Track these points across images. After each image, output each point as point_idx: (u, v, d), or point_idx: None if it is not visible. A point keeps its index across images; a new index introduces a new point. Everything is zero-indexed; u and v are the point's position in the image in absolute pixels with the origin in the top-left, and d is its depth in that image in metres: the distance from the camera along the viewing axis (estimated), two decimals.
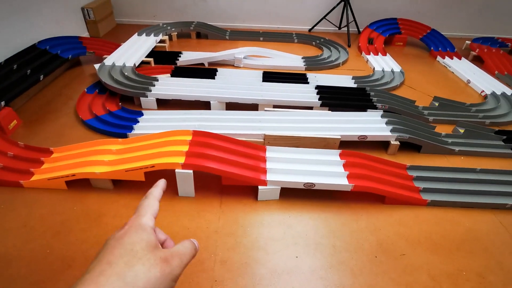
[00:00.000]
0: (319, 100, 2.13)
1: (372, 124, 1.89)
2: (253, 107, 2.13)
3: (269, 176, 1.45)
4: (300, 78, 2.56)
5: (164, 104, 2.17)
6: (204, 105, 2.14)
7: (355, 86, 2.48)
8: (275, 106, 2.10)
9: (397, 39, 3.57)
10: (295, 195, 1.51)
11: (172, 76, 2.47)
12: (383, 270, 1.21)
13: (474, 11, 3.78)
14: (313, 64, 2.90)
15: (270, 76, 2.54)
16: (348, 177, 1.47)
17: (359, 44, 3.35)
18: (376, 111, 2.03)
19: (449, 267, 1.23)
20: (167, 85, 2.21)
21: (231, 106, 2.13)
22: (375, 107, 2.11)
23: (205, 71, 2.56)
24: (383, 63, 2.93)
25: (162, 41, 3.10)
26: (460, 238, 1.35)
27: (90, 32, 3.35)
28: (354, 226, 1.39)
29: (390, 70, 2.79)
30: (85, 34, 3.30)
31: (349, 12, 3.54)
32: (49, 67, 2.27)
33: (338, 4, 3.56)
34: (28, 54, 2.28)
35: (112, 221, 1.35)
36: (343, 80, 2.59)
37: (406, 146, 1.84)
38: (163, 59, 2.78)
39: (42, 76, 2.15)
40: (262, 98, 2.11)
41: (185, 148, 1.47)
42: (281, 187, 1.47)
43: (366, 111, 2.07)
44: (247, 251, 1.26)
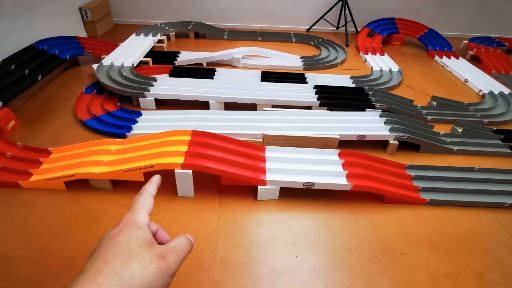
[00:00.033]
0: (317, 99, 2.13)
1: (370, 123, 1.89)
2: (251, 107, 2.13)
3: (268, 176, 1.45)
4: (299, 78, 2.56)
5: (162, 104, 2.17)
6: (203, 105, 2.13)
7: (354, 85, 2.48)
8: (273, 106, 2.10)
9: (395, 38, 3.58)
10: (295, 194, 1.51)
11: (170, 76, 2.46)
12: (383, 270, 1.21)
13: (472, 11, 3.79)
14: (311, 63, 2.90)
15: (269, 76, 2.54)
16: (347, 176, 1.47)
17: (357, 44, 3.35)
18: (375, 111, 2.03)
19: (448, 266, 1.23)
20: (166, 85, 2.21)
21: (230, 106, 2.13)
22: (373, 107, 2.12)
23: (203, 71, 2.55)
24: (381, 63, 2.94)
25: (160, 41, 3.10)
26: (459, 237, 1.36)
27: (88, 32, 3.34)
28: (354, 226, 1.39)
29: (388, 70, 2.79)
30: (83, 34, 3.29)
31: (347, 11, 3.54)
32: (47, 67, 2.26)
33: (336, 4, 3.56)
34: (26, 54, 2.27)
35: (111, 221, 1.35)
36: (341, 79, 2.60)
37: (404, 146, 1.85)
38: (161, 59, 2.77)
39: (40, 77, 2.14)
40: (260, 98, 2.11)
41: (184, 148, 1.46)
42: (280, 187, 1.47)
43: (364, 110, 2.07)
44: (247, 251, 1.26)
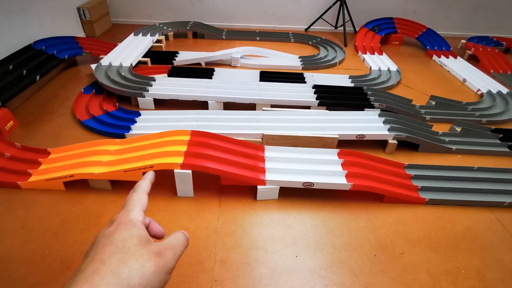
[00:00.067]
0: (316, 99, 2.13)
1: (369, 123, 1.89)
2: (250, 106, 2.13)
3: (268, 176, 1.45)
4: (297, 78, 2.56)
5: (161, 104, 2.16)
6: (202, 105, 2.13)
7: (352, 85, 2.48)
8: (272, 106, 2.10)
9: (393, 38, 3.58)
10: (294, 194, 1.51)
11: (169, 76, 2.46)
12: (383, 269, 1.21)
13: (469, 10, 3.80)
14: (310, 63, 2.90)
15: (267, 76, 2.54)
16: (347, 176, 1.47)
17: (356, 44, 3.35)
18: (374, 110, 2.03)
19: (448, 265, 1.24)
20: (164, 85, 2.20)
21: (229, 106, 2.13)
22: (372, 106, 2.12)
23: (202, 71, 2.55)
24: (379, 62, 2.94)
25: (158, 41, 3.10)
26: (458, 236, 1.36)
27: (86, 32, 3.34)
28: (353, 225, 1.39)
29: (387, 69, 2.80)
30: (81, 34, 3.28)
31: (345, 11, 3.54)
32: (45, 67, 2.25)
33: (334, 4, 3.57)
34: (24, 55, 2.26)
35: None
36: (340, 79, 2.60)
37: (403, 145, 1.85)
38: (159, 59, 2.77)
39: (38, 77, 2.13)
40: (259, 98, 2.11)
41: (183, 148, 1.46)
42: (280, 187, 1.47)
43: (363, 110, 2.07)
44: (247, 251, 1.26)
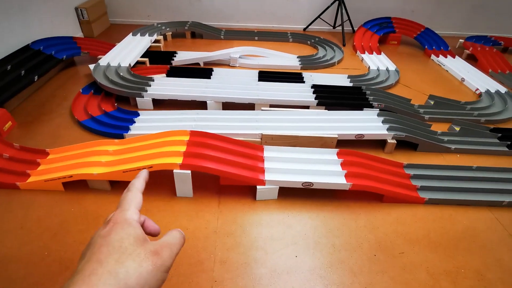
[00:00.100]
0: (315, 99, 2.13)
1: (368, 123, 1.89)
2: (249, 106, 2.13)
3: (267, 176, 1.45)
4: (296, 78, 2.56)
5: (160, 104, 2.16)
6: (200, 105, 2.13)
7: (351, 85, 2.49)
8: (271, 106, 2.10)
9: (391, 38, 3.58)
10: (294, 194, 1.51)
11: (167, 76, 2.45)
12: (383, 269, 1.21)
13: (467, 10, 3.81)
14: (308, 63, 2.90)
15: (266, 76, 2.54)
16: (346, 176, 1.47)
17: (354, 43, 3.35)
18: (372, 110, 2.03)
19: (447, 265, 1.24)
20: (163, 85, 2.20)
21: (228, 106, 2.13)
22: (371, 106, 2.12)
23: (200, 71, 2.55)
24: (378, 62, 2.95)
25: (156, 41, 3.09)
26: (458, 236, 1.36)
27: (84, 32, 3.33)
28: (353, 225, 1.39)
29: (385, 69, 2.80)
30: (79, 34, 3.27)
31: (343, 11, 3.54)
32: (43, 67, 2.25)
33: (332, 4, 3.57)
34: (22, 55, 2.26)
35: None
36: (338, 79, 2.60)
37: (402, 145, 1.85)
38: (158, 59, 2.76)
39: (36, 77, 2.13)
40: (258, 98, 2.11)
41: (182, 148, 1.46)
42: (279, 187, 1.47)
43: (362, 110, 2.07)
44: (247, 251, 1.26)
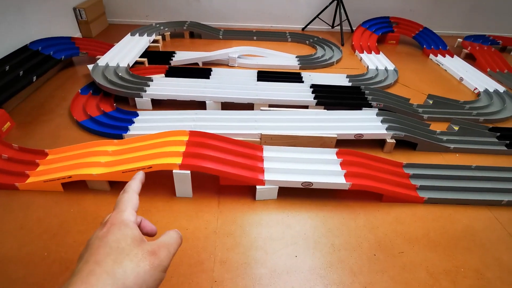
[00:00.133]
0: (314, 99, 2.13)
1: (367, 122, 1.90)
2: (248, 106, 2.13)
3: (266, 176, 1.45)
4: (295, 77, 2.56)
5: (159, 104, 2.16)
6: (199, 105, 2.13)
7: (350, 84, 2.49)
8: (270, 106, 2.10)
9: (389, 37, 3.59)
10: (293, 194, 1.51)
11: (166, 76, 2.45)
12: (382, 268, 1.22)
13: (466, 9, 3.82)
14: (307, 63, 2.90)
15: (265, 76, 2.53)
16: (346, 175, 1.47)
17: (353, 43, 3.36)
18: (371, 110, 2.04)
19: (447, 264, 1.24)
20: (162, 85, 2.20)
21: (227, 106, 2.13)
22: (370, 106, 2.12)
23: (199, 71, 2.55)
24: (376, 62, 2.95)
25: (155, 41, 3.08)
26: (457, 235, 1.36)
27: (83, 32, 3.32)
28: (352, 225, 1.39)
29: (384, 69, 2.80)
30: (77, 34, 3.26)
31: (342, 10, 3.54)
32: (42, 68, 2.24)
33: (331, 3, 3.57)
34: (20, 55, 2.25)
35: None
36: (337, 78, 2.60)
37: (401, 144, 1.85)
38: (156, 59, 2.76)
39: (35, 78, 2.12)
40: (257, 98, 2.11)
41: (182, 149, 1.46)
42: (279, 187, 1.47)
43: (361, 109, 2.08)
44: (246, 251, 1.26)
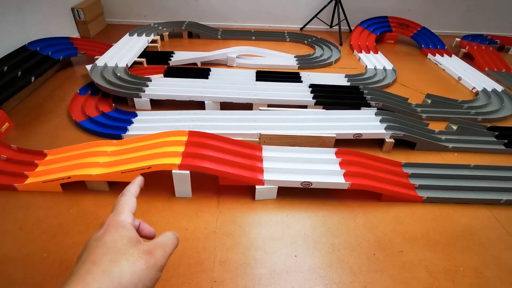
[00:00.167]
0: (313, 98, 2.14)
1: (366, 122, 1.90)
2: (247, 106, 2.13)
3: (266, 176, 1.45)
4: (294, 77, 2.56)
5: (157, 104, 2.16)
6: (198, 105, 2.12)
7: (348, 84, 2.49)
8: (269, 105, 2.10)
9: (388, 37, 3.60)
10: (292, 194, 1.51)
11: (165, 76, 2.45)
12: (382, 267, 1.22)
13: (463, 9, 3.83)
14: (306, 62, 2.91)
15: (264, 75, 2.54)
16: (345, 175, 1.48)
17: (351, 43, 3.36)
18: (370, 109, 2.04)
19: (446, 263, 1.24)
20: (161, 85, 2.20)
21: (225, 106, 2.13)
22: (369, 105, 2.13)
23: (198, 71, 2.54)
24: (375, 61, 2.95)
25: (153, 41, 3.08)
26: (456, 234, 1.37)
27: (81, 32, 3.31)
28: (352, 224, 1.39)
29: (382, 68, 2.81)
30: (75, 34, 3.26)
31: (340, 10, 3.55)
32: (40, 68, 2.24)
33: (329, 3, 3.58)
34: (18, 56, 2.24)
35: None
36: (336, 78, 2.60)
37: (400, 144, 1.86)
38: (155, 59, 2.76)
39: (33, 78, 2.12)
40: (256, 98, 2.11)
41: (181, 149, 1.46)
42: (278, 186, 1.47)
43: (360, 109, 2.08)
44: (246, 251, 1.26)
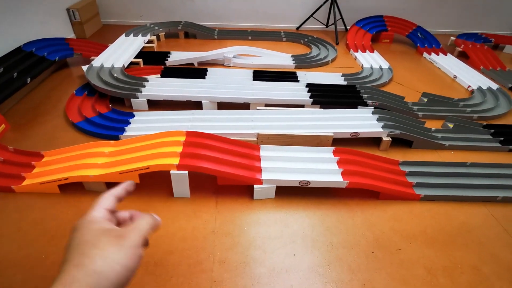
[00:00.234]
0: (310, 98, 2.14)
1: (363, 121, 1.91)
2: (244, 106, 2.13)
3: (264, 175, 1.45)
4: (290, 77, 2.56)
5: (155, 105, 2.15)
6: (196, 105, 2.12)
7: (345, 83, 2.50)
8: (267, 105, 2.11)
9: (383, 36, 3.60)
10: (291, 193, 1.51)
11: (162, 76, 2.45)
12: (380, 266, 1.22)
13: (458, 8, 3.84)
14: (302, 62, 2.91)
15: (261, 75, 2.54)
16: (343, 174, 1.48)
17: (347, 42, 3.37)
18: (367, 108, 2.05)
19: (444, 261, 1.25)
20: (158, 85, 2.19)
21: (223, 106, 2.13)
22: (365, 104, 2.13)
23: (195, 71, 2.54)
24: (371, 60, 2.96)
25: (150, 41, 3.07)
26: (454, 232, 1.38)
27: (76, 33, 3.30)
28: (350, 223, 1.40)
29: (379, 67, 2.82)
30: (71, 35, 3.24)
31: (336, 10, 3.56)
32: (36, 69, 2.23)
33: (325, 2, 3.58)
34: (14, 57, 2.23)
35: None
36: (332, 77, 2.61)
37: (397, 142, 1.87)
38: (151, 59, 2.75)
39: (29, 79, 2.11)
40: (253, 97, 2.11)
41: (179, 149, 1.46)
42: (276, 186, 1.47)
43: (357, 108, 2.09)
44: (245, 250, 1.26)
